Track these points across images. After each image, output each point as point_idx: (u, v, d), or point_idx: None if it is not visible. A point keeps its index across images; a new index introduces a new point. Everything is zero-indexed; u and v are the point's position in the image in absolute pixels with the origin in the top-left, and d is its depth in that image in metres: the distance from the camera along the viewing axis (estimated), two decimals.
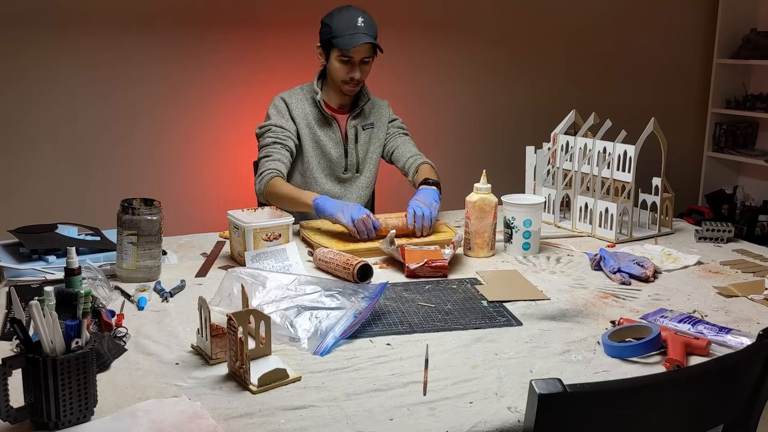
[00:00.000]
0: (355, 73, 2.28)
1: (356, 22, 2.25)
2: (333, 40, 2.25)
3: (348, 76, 2.29)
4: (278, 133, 2.31)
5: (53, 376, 1.05)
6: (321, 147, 2.36)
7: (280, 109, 2.35)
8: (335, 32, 2.25)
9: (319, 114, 2.36)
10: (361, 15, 2.26)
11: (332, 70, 2.31)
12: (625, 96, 4.28)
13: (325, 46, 2.31)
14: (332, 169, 2.39)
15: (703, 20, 4.49)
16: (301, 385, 1.23)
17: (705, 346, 1.35)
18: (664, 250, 2.01)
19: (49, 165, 3.16)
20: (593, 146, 2.20)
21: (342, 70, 2.28)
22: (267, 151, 2.30)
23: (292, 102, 2.35)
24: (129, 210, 1.70)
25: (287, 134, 2.31)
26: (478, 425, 1.11)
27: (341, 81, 2.30)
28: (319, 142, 2.36)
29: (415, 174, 2.38)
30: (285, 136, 2.31)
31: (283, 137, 2.30)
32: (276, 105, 2.36)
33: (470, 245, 1.97)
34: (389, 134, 2.50)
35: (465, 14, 3.85)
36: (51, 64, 3.09)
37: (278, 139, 2.30)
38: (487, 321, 1.51)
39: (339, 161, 2.39)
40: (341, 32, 2.24)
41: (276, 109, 2.35)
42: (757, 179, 4.54)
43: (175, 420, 1.09)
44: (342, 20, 2.26)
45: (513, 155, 3.10)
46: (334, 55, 2.28)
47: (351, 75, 2.29)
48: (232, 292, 1.48)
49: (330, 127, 2.37)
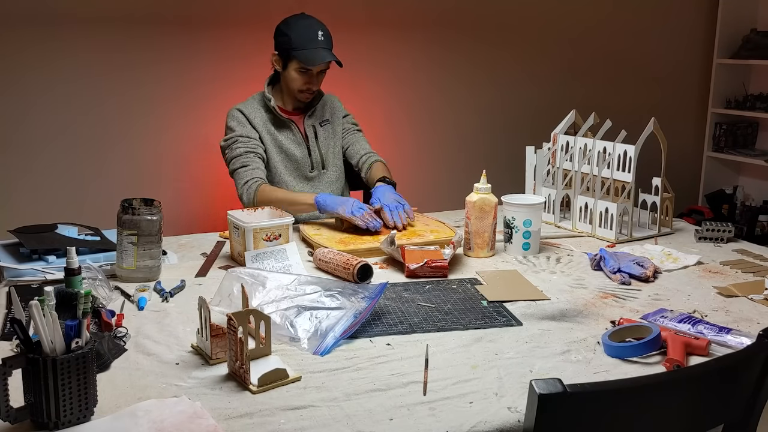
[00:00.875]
0: (312, 84, 2.34)
1: (317, 35, 2.27)
2: (293, 52, 2.27)
3: (305, 86, 2.33)
4: (247, 143, 2.31)
5: (53, 376, 1.05)
6: (284, 150, 2.38)
7: (240, 120, 2.35)
8: (295, 44, 2.27)
9: (275, 119, 2.39)
10: (320, 28, 2.29)
11: (289, 79, 2.33)
12: (625, 96, 4.28)
13: (282, 55, 2.32)
14: (299, 170, 2.41)
15: (703, 20, 4.49)
16: (301, 385, 1.23)
17: (705, 346, 1.35)
18: (664, 250, 2.01)
19: (49, 165, 3.16)
20: (593, 146, 2.20)
21: (299, 80, 2.32)
22: (242, 161, 2.29)
23: (248, 112, 2.36)
24: (129, 210, 1.70)
25: (255, 143, 2.33)
26: (478, 425, 1.11)
27: (297, 90, 2.34)
28: (281, 146, 2.38)
29: (368, 171, 2.45)
30: (254, 145, 2.32)
31: (253, 146, 2.32)
32: (235, 117, 2.37)
33: (470, 245, 1.97)
34: (344, 130, 2.54)
35: (465, 14, 3.85)
36: (50, 65, 3.09)
37: (249, 148, 2.31)
38: (487, 321, 1.51)
39: (304, 161, 2.41)
40: (302, 45, 2.26)
41: (236, 120, 2.36)
42: (757, 179, 4.53)
43: (175, 420, 1.09)
44: (301, 32, 2.27)
45: (513, 155, 3.10)
46: (293, 66, 2.30)
47: (308, 85, 2.33)
48: (232, 292, 1.48)
49: (289, 129, 2.40)
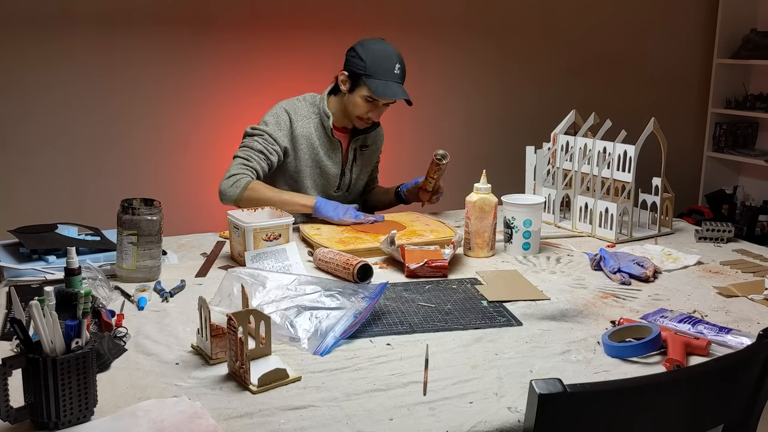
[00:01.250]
0: (374, 114, 2.24)
1: (394, 68, 2.16)
2: (365, 78, 2.16)
3: (367, 116, 2.23)
4: (269, 144, 2.22)
5: (53, 376, 1.05)
6: (321, 166, 2.30)
7: (281, 122, 2.25)
8: (370, 71, 2.15)
9: (324, 136, 2.29)
10: (399, 60, 2.18)
11: (352, 103, 2.22)
12: (625, 96, 4.28)
13: (353, 78, 2.20)
14: (325, 187, 2.34)
15: (703, 20, 4.49)
16: (301, 385, 1.23)
17: (705, 346, 1.35)
18: (664, 250, 2.01)
19: (49, 165, 3.16)
20: (593, 146, 2.20)
21: (363, 108, 2.21)
22: (249, 153, 2.20)
23: (296, 119, 2.25)
24: (129, 210, 1.70)
25: (276, 148, 2.23)
26: (478, 425, 1.11)
27: (357, 116, 2.24)
28: (319, 162, 2.29)
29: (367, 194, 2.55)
30: (273, 150, 2.22)
31: (272, 150, 2.22)
32: (278, 116, 2.25)
33: (470, 245, 1.97)
34: (376, 162, 2.52)
35: (465, 14, 3.85)
36: (50, 65, 3.09)
37: (266, 149, 2.21)
38: (487, 321, 1.51)
39: (334, 179, 2.34)
40: (377, 74, 2.15)
41: (276, 119, 2.25)
42: (757, 179, 4.54)
43: (175, 420, 1.09)
44: (379, 61, 2.16)
45: (513, 155, 3.10)
46: (361, 93, 2.18)
47: (370, 115, 2.23)
48: (232, 292, 1.48)
49: (333, 148, 2.31)
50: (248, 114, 3.39)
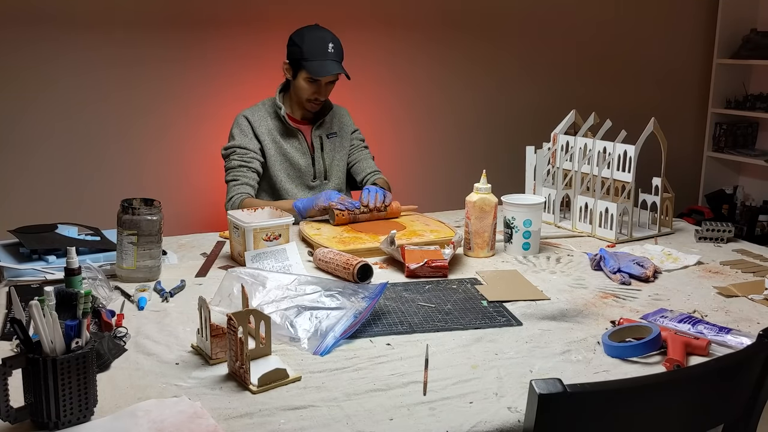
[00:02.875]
0: (320, 94, 2.39)
1: (327, 47, 2.32)
2: (303, 62, 2.33)
3: (313, 96, 2.38)
4: (243, 155, 2.38)
5: (53, 376, 1.05)
6: (288, 158, 2.43)
7: (243, 128, 2.41)
8: (305, 55, 2.32)
9: (283, 127, 2.43)
10: (331, 40, 2.33)
11: (298, 88, 2.39)
12: (625, 96, 4.28)
13: (293, 64, 2.38)
14: (301, 178, 2.46)
15: (703, 20, 4.49)
16: (301, 385, 1.23)
17: (705, 346, 1.35)
18: (664, 250, 2.01)
19: (48, 165, 3.16)
20: (593, 146, 2.20)
21: (308, 90, 2.37)
22: (233, 174, 2.39)
23: (254, 119, 2.41)
24: (129, 210, 1.70)
25: (251, 155, 2.39)
26: (478, 425, 1.11)
27: (305, 99, 2.39)
28: (286, 154, 2.43)
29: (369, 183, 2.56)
30: (250, 158, 2.38)
31: (248, 159, 2.38)
32: (239, 124, 2.42)
33: (470, 245, 1.97)
34: (352, 146, 2.60)
35: (465, 14, 3.85)
36: (49, 64, 3.09)
37: (243, 161, 2.38)
38: (487, 321, 1.51)
39: (307, 170, 2.46)
40: (311, 56, 2.32)
41: (239, 128, 2.42)
42: (757, 179, 4.54)
43: (175, 420, 1.09)
44: (312, 44, 2.33)
45: (513, 155, 3.10)
46: (302, 76, 2.35)
47: (316, 95, 2.38)
48: (232, 292, 1.48)
49: (296, 138, 2.45)
50: None
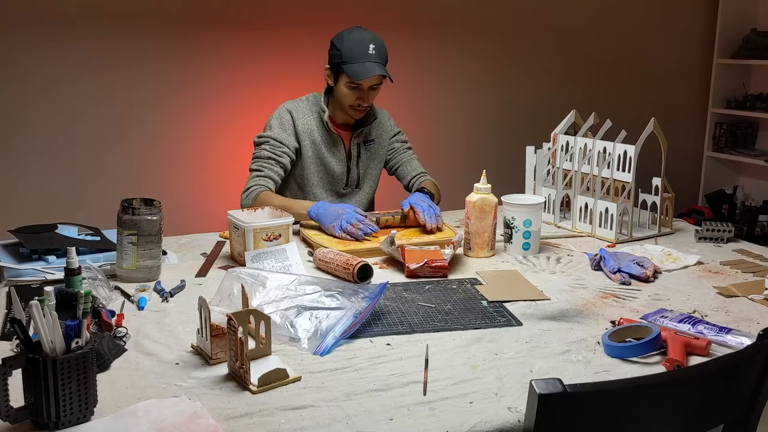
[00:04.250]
0: (363, 100, 2.25)
1: (367, 49, 2.19)
2: (343, 66, 2.20)
3: (356, 102, 2.26)
4: (276, 148, 2.27)
5: (53, 376, 1.05)
6: (324, 164, 2.34)
7: (284, 122, 2.29)
8: (345, 58, 2.19)
9: (324, 132, 2.33)
10: (373, 41, 2.20)
11: (340, 94, 2.26)
12: (625, 96, 4.28)
13: (334, 69, 2.25)
14: (333, 185, 2.37)
15: (703, 20, 4.49)
16: (301, 385, 1.23)
17: (705, 346, 1.35)
18: (664, 250, 2.01)
19: (49, 165, 3.16)
20: (593, 146, 2.20)
21: (350, 96, 2.24)
22: (260, 164, 2.27)
23: (298, 115, 2.30)
24: (129, 210, 1.70)
25: (284, 150, 2.27)
26: (478, 425, 1.11)
27: (348, 105, 2.27)
28: (323, 159, 2.33)
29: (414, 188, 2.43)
30: (282, 152, 2.27)
31: (280, 153, 2.27)
32: (281, 117, 2.30)
33: (470, 245, 1.97)
34: (393, 149, 2.49)
35: (465, 14, 3.85)
36: (51, 65, 3.09)
37: (274, 154, 2.26)
38: (487, 321, 1.51)
39: (341, 177, 2.37)
40: (352, 59, 2.18)
41: (280, 121, 2.30)
42: (757, 179, 4.54)
43: (175, 420, 1.09)
44: (353, 46, 2.19)
45: (513, 155, 3.10)
46: (343, 80, 2.22)
47: (359, 101, 2.26)
48: (232, 292, 1.48)
49: (335, 145, 2.35)
50: (248, 114, 3.39)
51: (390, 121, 2.50)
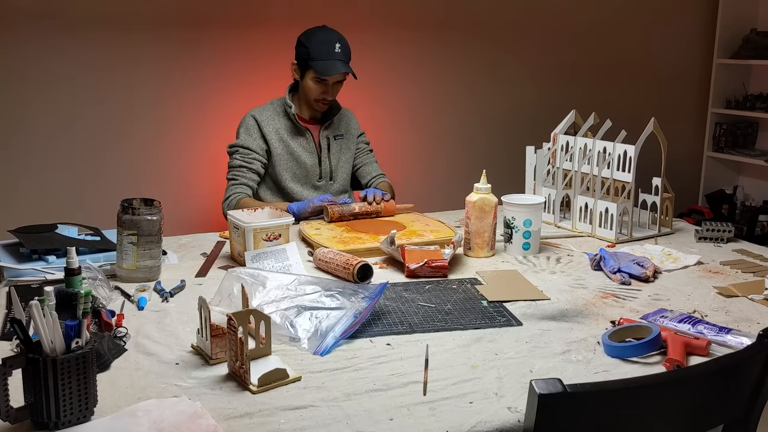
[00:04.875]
0: (328, 94, 2.41)
1: (334, 47, 2.35)
2: (310, 62, 2.36)
3: (321, 96, 2.41)
4: (245, 155, 2.42)
5: (53, 376, 1.05)
6: (295, 157, 2.46)
7: (249, 127, 2.44)
8: (312, 55, 2.36)
9: (292, 126, 2.46)
10: (339, 40, 2.36)
11: (306, 88, 2.42)
12: (625, 96, 4.28)
13: (301, 64, 2.41)
14: (307, 178, 2.49)
15: (703, 20, 4.49)
16: (301, 385, 1.23)
17: (705, 346, 1.35)
18: (664, 250, 2.01)
19: (49, 165, 3.16)
20: (593, 146, 2.20)
21: (316, 90, 2.40)
22: (234, 173, 2.43)
23: (262, 119, 2.44)
24: (129, 210, 1.70)
25: (254, 156, 2.42)
26: (478, 425, 1.11)
27: (314, 99, 2.42)
28: (293, 153, 2.45)
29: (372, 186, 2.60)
30: (251, 159, 2.42)
31: (250, 160, 2.41)
32: (246, 123, 2.46)
33: (470, 245, 1.97)
34: (358, 149, 2.63)
35: (466, 14, 3.85)
36: (50, 64, 3.09)
37: (245, 162, 2.42)
38: (487, 321, 1.51)
39: (314, 169, 2.49)
40: (318, 56, 2.35)
41: (245, 128, 2.45)
42: (757, 179, 4.54)
43: (175, 420, 1.09)
44: (320, 44, 2.36)
45: (513, 155, 3.10)
46: (309, 75, 2.39)
47: (324, 95, 2.41)
48: (232, 292, 1.48)
49: (303, 137, 2.47)
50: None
51: (356, 122, 2.65)
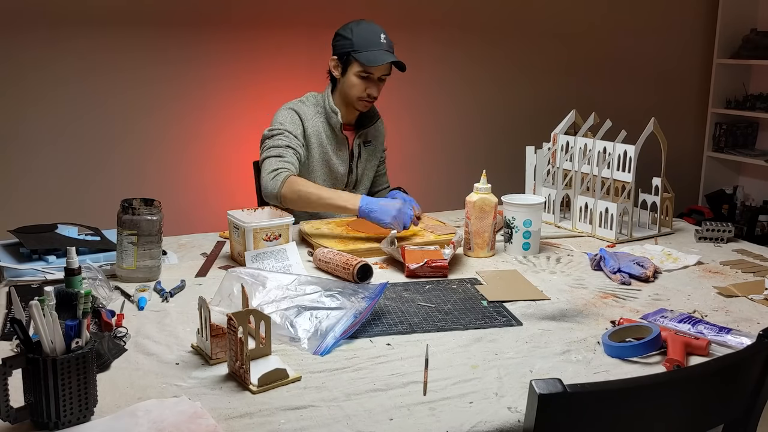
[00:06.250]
0: (372, 90, 2.23)
1: (379, 38, 2.19)
2: (354, 54, 2.18)
3: (365, 93, 2.23)
4: (292, 140, 2.21)
5: (53, 376, 1.05)
6: (330, 165, 2.32)
7: (295, 121, 2.25)
8: (357, 46, 2.18)
9: (332, 133, 2.30)
10: (382, 31, 2.21)
11: (348, 85, 2.23)
12: (625, 96, 4.28)
13: (342, 59, 2.23)
14: (335, 184, 2.36)
15: (703, 20, 4.50)
16: (301, 385, 1.23)
17: (705, 346, 1.35)
18: (664, 250, 2.01)
19: (49, 165, 3.16)
20: (593, 146, 2.20)
21: (360, 86, 2.22)
22: (279, 151, 2.18)
23: (306, 118, 2.26)
24: (129, 210, 1.70)
25: (298, 143, 2.23)
26: (478, 425, 1.11)
27: (357, 97, 2.24)
28: (328, 161, 2.31)
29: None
30: (297, 144, 2.22)
31: (296, 145, 2.22)
32: (290, 114, 2.25)
33: (470, 245, 1.97)
34: (381, 159, 2.52)
35: (466, 14, 3.85)
36: (51, 65, 3.09)
37: (292, 144, 2.20)
38: (487, 321, 1.51)
39: (343, 178, 2.37)
40: (364, 47, 2.17)
41: (291, 118, 2.25)
42: (757, 179, 4.54)
43: (175, 420, 1.09)
44: (364, 35, 2.19)
45: (513, 155, 3.10)
46: (354, 70, 2.20)
47: (368, 91, 2.23)
48: (232, 292, 1.48)
49: (341, 146, 2.34)
50: (249, 114, 3.39)
51: (383, 130, 2.51)
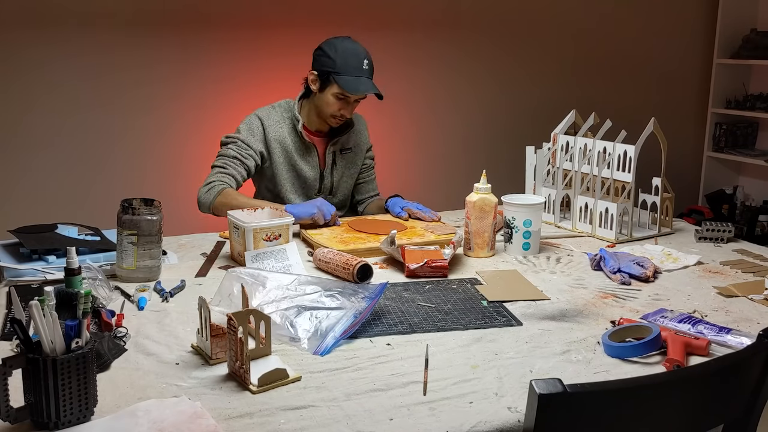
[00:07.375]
0: (346, 111, 2.25)
1: (362, 63, 2.18)
2: (335, 76, 2.18)
3: (339, 113, 2.24)
4: (242, 150, 2.25)
5: (53, 376, 1.05)
6: (296, 171, 2.32)
7: (253, 128, 2.28)
8: (339, 69, 2.18)
9: (297, 139, 2.31)
10: (366, 56, 2.20)
11: (323, 102, 2.24)
12: (625, 96, 4.28)
13: (322, 76, 2.23)
14: (306, 190, 2.36)
15: (703, 20, 4.49)
16: (301, 385, 1.23)
17: (705, 346, 1.35)
18: (664, 250, 2.01)
19: (49, 165, 3.16)
20: (593, 146, 2.20)
21: (335, 106, 2.23)
22: (224, 161, 2.24)
23: (268, 123, 2.28)
24: (129, 210, 1.70)
25: (250, 153, 2.26)
26: (478, 425, 1.11)
27: (330, 115, 2.25)
28: (295, 166, 2.31)
29: (366, 207, 2.51)
30: (248, 154, 2.25)
31: (246, 155, 2.25)
32: (251, 123, 2.29)
33: (470, 245, 1.97)
34: (364, 165, 2.49)
35: (466, 14, 3.85)
36: (51, 65, 3.09)
37: (240, 155, 2.25)
38: (487, 321, 1.51)
39: (314, 183, 2.36)
40: (346, 71, 2.17)
41: (249, 126, 2.28)
42: (757, 179, 4.54)
43: (175, 420, 1.09)
44: (347, 58, 2.18)
45: (513, 155, 3.10)
46: (332, 90, 2.20)
47: (342, 112, 2.25)
48: (232, 292, 1.48)
49: (308, 151, 2.33)
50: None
51: (366, 132, 2.49)
